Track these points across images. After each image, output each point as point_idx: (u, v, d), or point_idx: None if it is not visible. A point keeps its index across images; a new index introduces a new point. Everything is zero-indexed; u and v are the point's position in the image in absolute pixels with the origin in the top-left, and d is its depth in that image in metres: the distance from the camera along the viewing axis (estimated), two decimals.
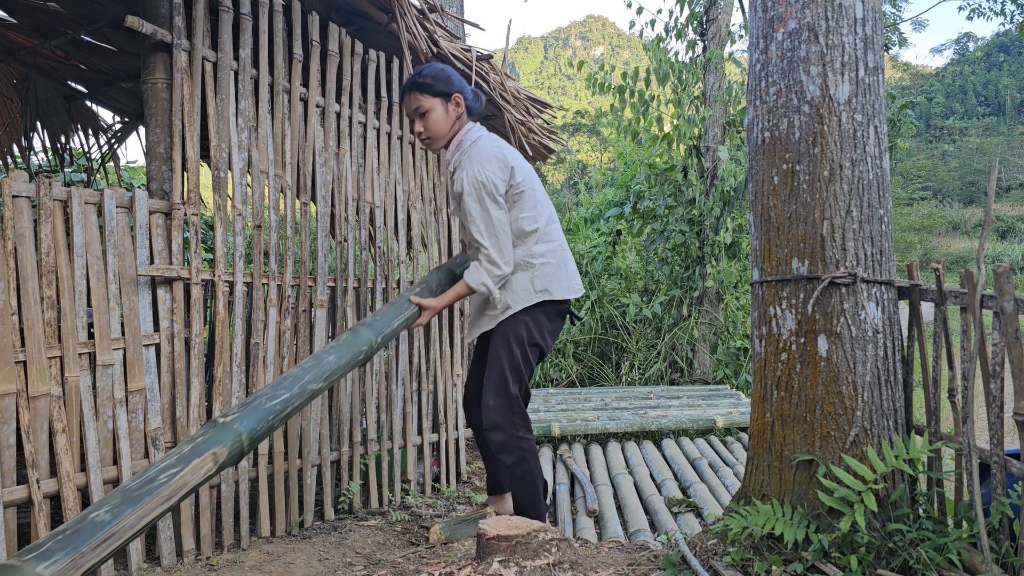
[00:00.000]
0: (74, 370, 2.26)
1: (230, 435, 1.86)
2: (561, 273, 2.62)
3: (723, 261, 7.17)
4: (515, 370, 2.56)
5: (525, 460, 2.57)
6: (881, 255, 2.08)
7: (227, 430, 1.87)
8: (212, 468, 1.80)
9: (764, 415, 2.16)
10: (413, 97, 2.58)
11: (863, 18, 2.08)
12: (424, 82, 2.56)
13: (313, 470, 3.01)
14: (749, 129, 2.26)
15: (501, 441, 2.56)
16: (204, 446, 1.80)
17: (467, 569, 2.09)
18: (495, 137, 2.65)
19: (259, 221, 2.82)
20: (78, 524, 1.53)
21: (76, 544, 1.49)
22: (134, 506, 1.61)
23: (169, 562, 2.47)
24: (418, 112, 2.59)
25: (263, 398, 2.01)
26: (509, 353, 2.56)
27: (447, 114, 2.60)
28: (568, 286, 2.64)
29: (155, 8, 2.58)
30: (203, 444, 1.81)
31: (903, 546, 1.87)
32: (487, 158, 2.52)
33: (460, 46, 3.52)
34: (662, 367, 7.01)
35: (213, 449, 1.82)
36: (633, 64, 7.48)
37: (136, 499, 1.63)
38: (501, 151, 2.57)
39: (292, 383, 2.10)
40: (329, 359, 2.22)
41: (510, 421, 2.55)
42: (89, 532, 1.52)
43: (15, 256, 2.13)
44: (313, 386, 2.15)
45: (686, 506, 3.38)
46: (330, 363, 2.21)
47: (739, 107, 7.16)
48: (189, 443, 1.81)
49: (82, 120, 4.47)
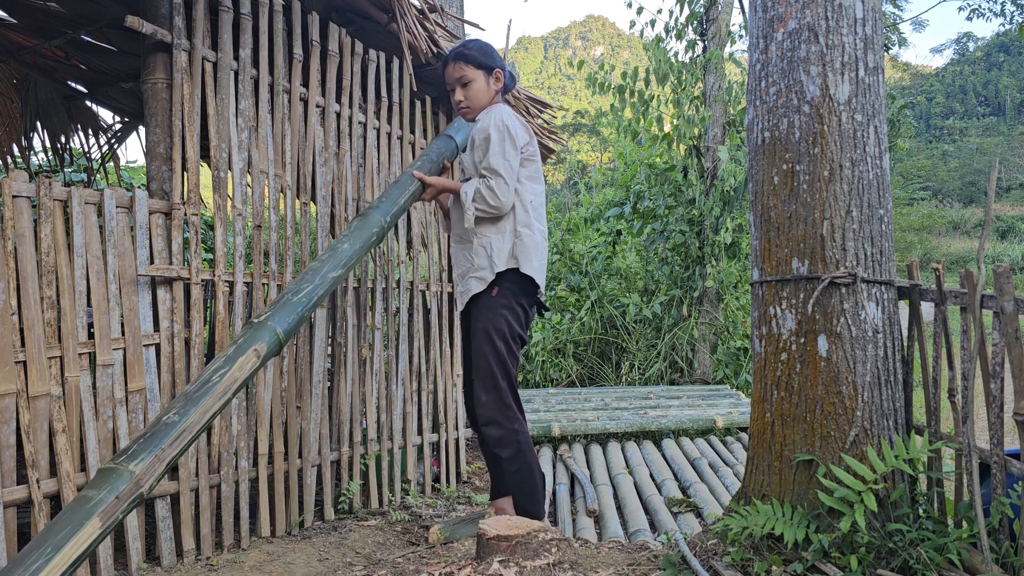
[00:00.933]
0: (74, 370, 2.26)
1: (267, 332, 2.15)
2: (535, 254, 2.65)
3: (723, 261, 7.17)
4: (501, 364, 2.58)
5: (522, 453, 2.59)
6: (881, 255, 2.08)
7: (264, 328, 2.16)
8: (256, 362, 2.10)
9: (764, 415, 2.16)
10: (458, 67, 2.72)
11: (863, 18, 2.08)
12: (470, 54, 2.70)
13: (313, 470, 3.01)
14: (749, 129, 2.26)
15: (498, 436, 2.58)
16: (246, 345, 2.09)
17: (467, 569, 2.09)
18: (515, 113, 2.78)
19: (259, 221, 2.82)
20: (154, 428, 1.84)
21: (156, 443, 1.80)
22: (196, 405, 1.92)
23: (169, 562, 2.47)
24: (460, 81, 2.72)
25: (289, 294, 2.27)
26: (493, 348, 2.58)
27: (488, 87, 2.74)
28: (538, 268, 2.66)
29: (155, 8, 2.58)
30: (245, 344, 2.09)
31: (903, 546, 1.87)
32: (511, 114, 2.67)
33: None
34: (662, 367, 7.01)
35: (254, 346, 2.11)
36: (633, 64, 7.48)
37: (197, 399, 1.94)
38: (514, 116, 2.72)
39: (313, 275, 2.34)
40: (344, 247, 2.44)
41: (504, 415, 2.57)
42: (164, 432, 1.83)
43: (15, 256, 2.13)
44: (333, 274, 2.39)
45: (686, 506, 3.38)
46: (345, 250, 2.44)
47: (739, 107, 7.16)
48: (232, 345, 2.08)
49: (82, 120, 4.47)
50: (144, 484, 1.75)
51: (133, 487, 1.73)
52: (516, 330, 2.62)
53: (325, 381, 3.08)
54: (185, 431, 1.86)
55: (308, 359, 3.00)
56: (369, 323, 3.33)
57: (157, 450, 1.78)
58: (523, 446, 2.60)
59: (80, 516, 1.63)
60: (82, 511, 1.64)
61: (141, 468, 1.74)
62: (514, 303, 2.62)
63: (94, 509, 1.65)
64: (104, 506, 1.66)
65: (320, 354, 3.04)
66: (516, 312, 2.62)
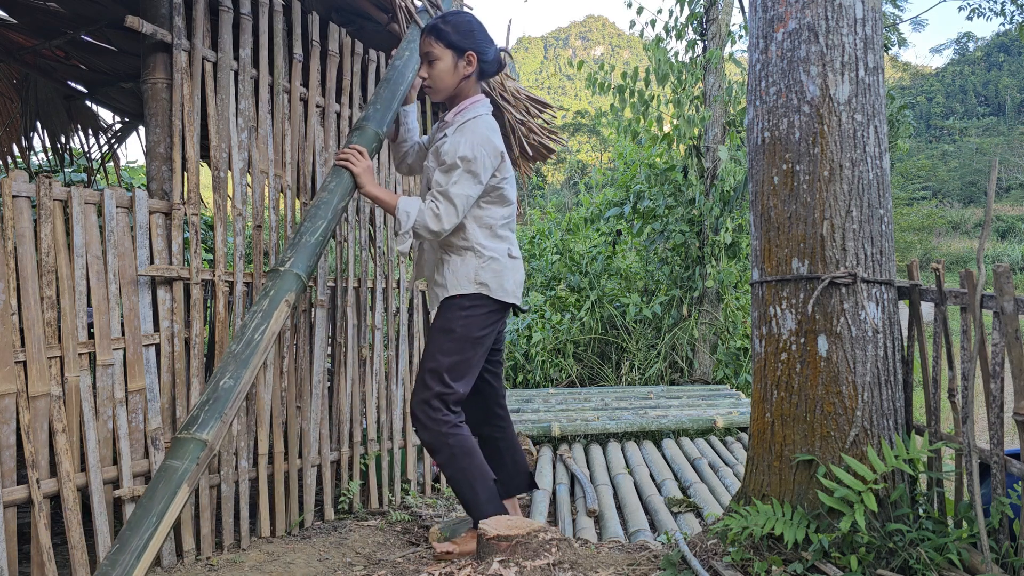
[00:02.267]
0: (74, 370, 2.26)
1: (293, 279, 2.28)
2: (506, 274, 2.52)
3: (723, 261, 7.17)
4: (454, 366, 2.43)
5: (454, 458, 2.43)
6: (881, 255, 2.08)
7: (289, 276, 2.28)
8: (288, 311, 2.27)
9: (764, 415, 2.16)
10: (427, 41, 2.50)
11: (863, 18, 2.08)
12: (443, 29, 2.48)
13: (313, 470, 3.01)
14: (749, 129, 2.26)
15: (426, 440, 2.45)
16: (278, 297, 2.23)
17: (467, 569, 2.09)
18: (494, 122, 2.58)
19: (259, 221, 2.82)
20: (214, 394, 2.03)
21: (219, 409, 2.01)
22: (246, 366, 2.10)
23: (169, 562, 2.47)
24: (428, 57, 2.52)
25: (306, 235, 2.35)
26: (439, 346, 2.46)
27: (455, 70, 2.51)
28: (508, 290, 2.52)
29: (155, 8, 2.58)
30: (276, 296, 2.23)
31: (903, 546, 1.87)
32: (487, 140, 2.44)
33: None
34: (662, 367, 7.01)
35: (285, 297, 2.25)
36: (633, 64, 7.48)
37: (245, 360, 2.11)
38: (498, 139, 2.51)
39: (325, 209, 2.40)
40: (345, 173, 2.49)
41: (430, 417, 2.41)
42: (225, 397, 2.03)
43: (15, 256, 2.13)
44: (341, 204, 2.46)
45: (686, 506, 3.38)
46: (348, 175, 2.49)
47: (739, 107, 7.16)
48: (263, 298, 2.23)
49: (82, 120, 4.47)
50: (216, 447, 2.02)
51: (208, 453, 1.99)
52: (469, 331, 2.46)
53: (325, 381, 3.07)
54: (240, 391, 2.07)
55: (308, 359, 3.00)
56: (369, 323, 3.33)
57: (221, 416, 2.01)
58: (455, 450, 2.42)
59: (172, 486, 1.90)
60: (172, 481, 1.90)
61: (211, 435, 1.99)
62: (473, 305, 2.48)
63: (182, 478, 1.93)
64: (189, 474, 1.94)
65: (320, 354, 3.04)
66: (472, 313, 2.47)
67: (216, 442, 1.99)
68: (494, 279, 2.48)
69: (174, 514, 1.89)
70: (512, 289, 2.54)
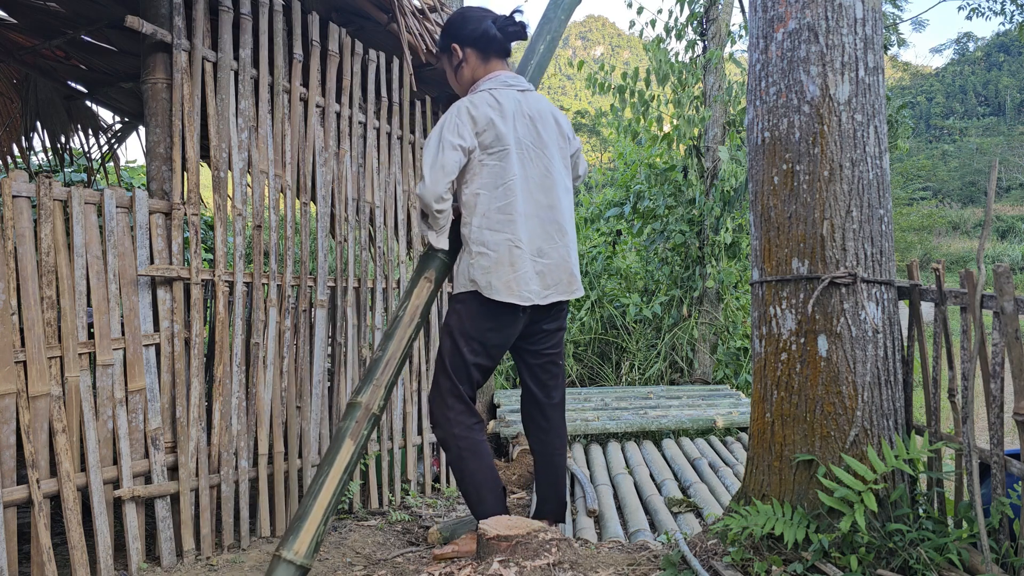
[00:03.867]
0: (74, 370, 2.26)
1: (434, 259, 2.52)
2: (501, 271, 2.33)
3: (723, 261, 7.16)
4: (453, 364, 2.40)
5: (462, 459, 2.40)
6: (881, 255, 2.08)
7: (432, 256, 2.52)
8: (431, 286, 2.52)
9: (764, 415, 2.16)
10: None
11: (863, 18, 2.08)
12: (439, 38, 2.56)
13: (313, 470, 3.01)
14: (749, 129, 2.26)
15: (438, 437, 2.45)
16: (417, 275, 2.52)
17: (467, 569, 2.09)
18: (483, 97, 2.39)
19: (259, 221, 2.82)
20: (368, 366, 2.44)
21: (372, 376, 2.41)
22: (391, 338, 2.45)
23: (169, 562, 2.47)
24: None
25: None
26: (441, 345, 2.46)
27: (449, 68, 2.55)
28: (496, 288, 2.33)
29: (155, 8, 2.58)
30: (416, 274, 2.52)
31: (903, 546, 1.87)
32: (455, 109, 2.36)
33: None
34: (662, 367, 7.01)
35: (425, 274, 2.51)
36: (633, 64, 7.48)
37: (391, 333, 2.46)
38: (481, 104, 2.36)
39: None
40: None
41: (443, 415, 2.41)
42: (375, 366, 2.41)
43: (15, 256, 2.13)
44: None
45: (686, 506, 3.38)
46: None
47: (739, 107, 7.16)
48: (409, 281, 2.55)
49: (82, 120, 4.47)
50: (373, 406, 2.39)
51: (365, 411, 2.37)
52: (467, 329, 2.39)
53: (325, 381, 3.08)
54: (390, 359, 2.42)
55: (308, 359, 3.00)
56: (369, 323, 3.33)
57: (373, 380, 2.39)
58: (463, 451, 2.40)
59: (339, 441, 2.31)
60: (339, 437, 2.32)
61: (366, 396, 2.38)
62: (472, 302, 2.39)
63: (345, 434, 2.33)
64: (350, 430, 2.33)
65: (320, 354, 3.04)
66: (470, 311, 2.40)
67: (372, 401, 2.37)
68: (483, 276, 2.34)
69: (342, 463, 2.29)
70: (503, 286, 2.32)
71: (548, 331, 2.54)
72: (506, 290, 2.34)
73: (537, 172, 2.42)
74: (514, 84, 2.46)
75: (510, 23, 2.50)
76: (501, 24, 2.49)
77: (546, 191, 2.43)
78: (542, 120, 2.46)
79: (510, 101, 2.40)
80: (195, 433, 2.56)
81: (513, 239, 2.35)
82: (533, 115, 2.44)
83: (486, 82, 2.46)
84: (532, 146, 2.42)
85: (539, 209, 2.41)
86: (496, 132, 2.34)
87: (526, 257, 2.37)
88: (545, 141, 2.44)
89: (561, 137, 2.52)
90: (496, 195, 2.35)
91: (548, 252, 2.42)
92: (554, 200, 2.44)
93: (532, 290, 2.38)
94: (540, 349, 2.56)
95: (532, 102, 2.47)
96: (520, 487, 3.83)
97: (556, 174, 2.45)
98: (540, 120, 2.45)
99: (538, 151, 2.43)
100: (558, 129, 2.51)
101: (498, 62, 2.52)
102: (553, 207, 2.44)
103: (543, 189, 2.42)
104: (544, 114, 2.48)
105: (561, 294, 2.46)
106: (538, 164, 2.43)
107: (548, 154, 2.44)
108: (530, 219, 2.39)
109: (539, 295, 2.40)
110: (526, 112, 2.43)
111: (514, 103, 2.41)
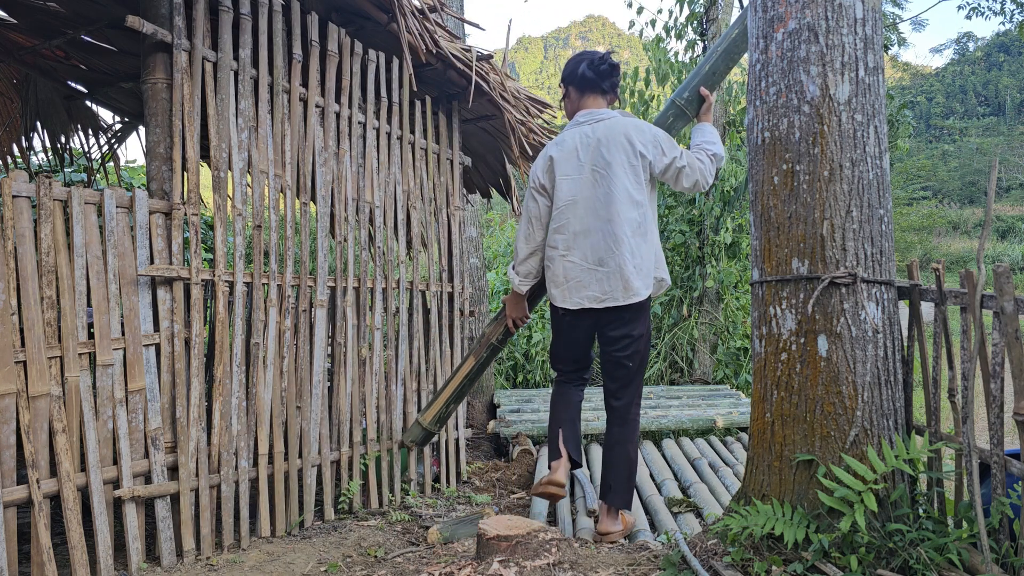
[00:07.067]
0: (74, 370, 2.26)
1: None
2: (556, 281, 2.76)
3: (723, 261, 7.16)
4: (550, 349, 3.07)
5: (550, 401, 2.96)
6: (881, 255, 2.08)
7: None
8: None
9: (764, 415, 2.16)
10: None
11: (863, 18, 2.08)
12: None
13: (313, 470, 3.01)
14: (749, 129, 2.26)
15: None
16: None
17: (467, 569, 2.09)
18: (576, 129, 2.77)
19: (259, 221, 2.82)
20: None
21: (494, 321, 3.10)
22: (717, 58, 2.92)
23: (169, 562, 2.47)
24: None
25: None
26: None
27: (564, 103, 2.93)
28: (561, 295, 2.76)
29: (155, 8, 2.58)
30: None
31: (903, 546, 1.87)
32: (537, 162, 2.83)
33: (460, 46, 3.52)
34: (662, 367, 7.01)
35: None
36: (633, 64, 7.48)
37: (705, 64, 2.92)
38: (551, 146, 2.80)
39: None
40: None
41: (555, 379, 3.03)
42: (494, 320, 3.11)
43: (15, 256, 2.13)
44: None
45: (686, 506, 3.38)
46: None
47: (739, 107, 7.16)
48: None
49: (82, 120, 4.47)
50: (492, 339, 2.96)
51: (485, 340, 2.99)
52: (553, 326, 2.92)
53: (325, 381, 3.08)
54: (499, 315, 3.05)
55: (308, 359, 3.00)
56: (369, 323, 3.33)
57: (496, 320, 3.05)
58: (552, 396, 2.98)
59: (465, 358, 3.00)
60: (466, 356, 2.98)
61: (490, 329, 3.03)
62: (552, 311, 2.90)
63: (470, 353, 3.03)
64: (474, 351, 3.01)
65: (320, 354, 3.04)
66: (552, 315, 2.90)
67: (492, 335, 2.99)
68: (549, 286, 2.82)
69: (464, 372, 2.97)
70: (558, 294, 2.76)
71: (612, 337, 2.79)
72: (560, 297, 2.75)
73: (600, 191, 2.68)
74: (584, 121, 2.78)
75: (602, 63, 2.79)
76: (594, 64, 2.79)
77: (607, 206, 2.68)
78: (609, 144, 2.70)
79: (573, 136, 2.76)
80: (195, 433, 2.56)
81: (562, 250, 2.73)
82: (601, 140, 2.71)
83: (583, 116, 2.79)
84: (597, 170, 2.70)
85: (600, 223, 2.68)
86: (554, 160, 2.75)
87: (578, 269, 2.70)
88: (609, 162, 2.68)
89: (632, 155, 2.71)
90: (554, 217, 2.76)
91: (607, 261, 2.68)
92: (613, 214, 2.67)
93: (586, 296, 2.71)
94: (608, 350, 2.83)
95: (603, 130, 2.72)
96: (520, 487, 3.83)
97: (617, 191, 2.68)
98: (607, 144, 2.70)
99: (603, 172, 2.69)
100: (629, 148, 2.71)
101: (593, 99, 2.83)
102: (611, 220, 2.67)
103: (605, 205, 2.68)
104: (613, 138, 2.71)
105: (615, 301, 2.70)
106: (602, 184, 2.68)
107: (611, 173, 2.69)
108: (589, 235, 2.70)
109: (594, 300, 2.70)
110: (591, 142, 2.72)
111: (578, 136, 2.74)
